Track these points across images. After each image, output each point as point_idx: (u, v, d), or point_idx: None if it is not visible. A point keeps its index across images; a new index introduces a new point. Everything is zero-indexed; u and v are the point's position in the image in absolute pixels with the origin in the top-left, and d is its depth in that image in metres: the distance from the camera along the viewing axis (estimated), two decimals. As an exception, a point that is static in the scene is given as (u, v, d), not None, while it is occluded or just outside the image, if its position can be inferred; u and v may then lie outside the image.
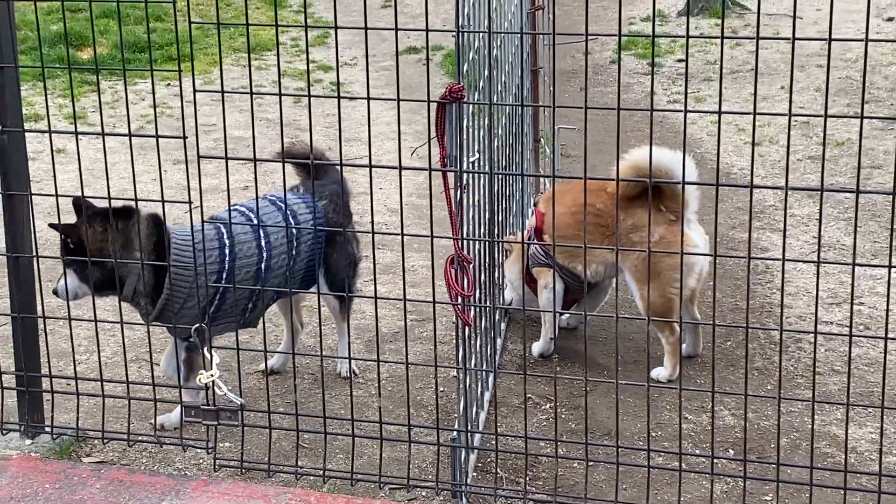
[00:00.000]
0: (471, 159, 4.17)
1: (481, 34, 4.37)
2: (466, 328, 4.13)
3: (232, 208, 4.63)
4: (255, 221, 4.59)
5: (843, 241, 6.71)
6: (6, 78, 4.24)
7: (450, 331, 5.57)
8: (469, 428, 4.27)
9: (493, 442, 4.35)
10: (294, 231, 4.78)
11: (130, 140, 4.12)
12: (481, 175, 4.50)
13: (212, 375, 4.18)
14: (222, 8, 14.12)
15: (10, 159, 4.35)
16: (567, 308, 5.64)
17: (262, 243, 4.71)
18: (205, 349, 4.25)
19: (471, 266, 4.02)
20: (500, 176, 5.21)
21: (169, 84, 10.63)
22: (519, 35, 6.27)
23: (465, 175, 3.98)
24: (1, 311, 4.67)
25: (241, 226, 4.65)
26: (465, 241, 4.03)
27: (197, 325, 4.30)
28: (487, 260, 4.81)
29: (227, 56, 11.75)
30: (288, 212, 4.79)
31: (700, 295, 5.48)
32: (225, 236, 4.65)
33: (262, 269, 4.71)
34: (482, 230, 4.60)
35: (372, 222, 3.96)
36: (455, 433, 4.19)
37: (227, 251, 4.63)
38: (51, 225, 4.48)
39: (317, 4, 14.53)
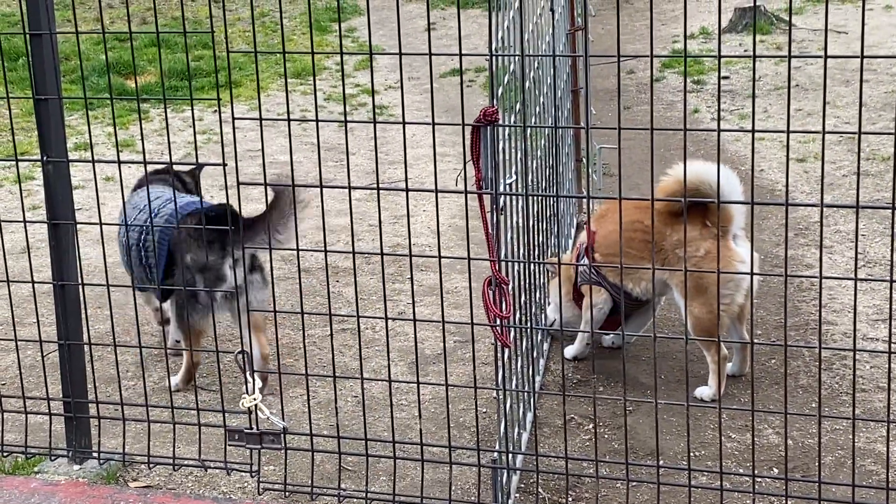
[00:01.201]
0: (508, 181, 4.19)
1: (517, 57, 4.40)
2: (506, 350, 4.15)
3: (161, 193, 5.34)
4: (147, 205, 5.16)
5: (889, 257, 6.65)
6: (50, 109, 4.32)
7: (493, 352, 5.59)
8: (510, 449, 4.28)
9: (535, 463, 4.36)
10: (133, 223, 5.31)
11: (171, 168, 4.19)
12: (518, 196, 4.52)
13: (255, 399, 4.23)
14: (269, 34, 14.26)
15: (55, 189, 4.43)
16: (611, 328, 5.65)
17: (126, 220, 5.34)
18: (248, 373, 4.29)
19: (508, 288, 4.03)
20: (540, 197, 5.23)
21: (216, 111, 10.74)
22: (560, 56, 6.30)
23: (501, 197, 4.00)
24: (48, 339, 4.73)
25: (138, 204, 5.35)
26: (502, 263, 4.05)
27: (240, 349, 4.33)
28: (526, 281, 4.83)
29: (273, 81, 11.86)
30: (150, 207, 5.07)
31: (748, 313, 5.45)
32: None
33: (125, 244, 5.37)
34: (520, 252, 4.61)
35: (409, 245, 3.98)
36: (496, 454, 4.20)
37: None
38: None
39: (361, 28, 14.62)
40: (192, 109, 3.90)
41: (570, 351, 5.62)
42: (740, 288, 5.13)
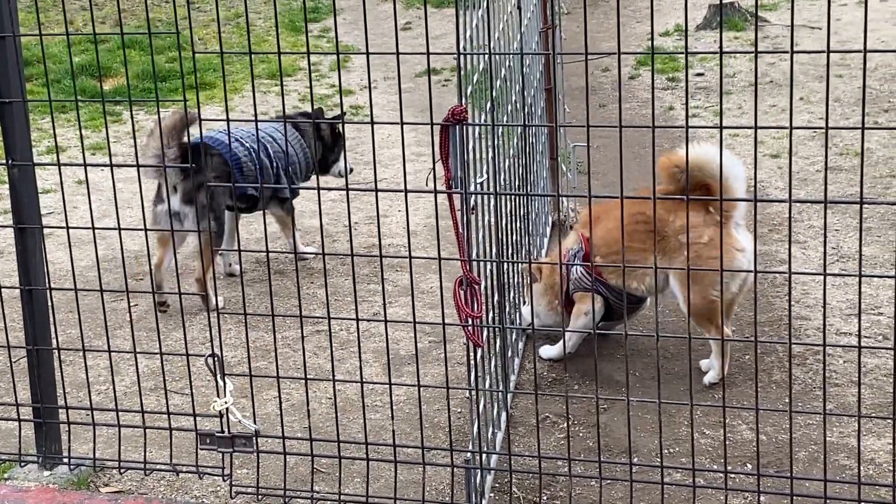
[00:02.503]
0: (479, 180, 4.17)
1: (486, 55, 4.38)
2: (478, 350, 4.13)
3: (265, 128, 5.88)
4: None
5: (862, 252, 6.66)
6: (15, 112, 4.28)
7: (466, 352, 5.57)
8: (483, 449, 4.27)
9: (509, 462, 4.35)
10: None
11: (139, 171, 4.16)
12: (490, 196, 4.51)
13: (226, 403, 4.20)
14: (244, 35, 14.21)
15: (21, 193, 4.39)
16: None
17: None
18: (218, 376, 4.26)
19: (480, 287, 4.01)
20: (513, 196, 5.21)
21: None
22: (531, 54, 6.28)
23: (472, 197, 3.98)
24: (16, 344, 4.69)
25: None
26: (473, 263, 4.03)
27: (210, 352, 4.30)
28: (498, 281, 4.81)
29: (248, 82, 11.81)
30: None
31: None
32: None
33: None
34: (492, 251, 4.60)
35: (379, 246, 3.96)
36: (469, 454, 4.18)
37: None
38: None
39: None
40: (158, 111, 3.87)
41: (548, 352, 5.58)
42: (735, 276, 5.09)
